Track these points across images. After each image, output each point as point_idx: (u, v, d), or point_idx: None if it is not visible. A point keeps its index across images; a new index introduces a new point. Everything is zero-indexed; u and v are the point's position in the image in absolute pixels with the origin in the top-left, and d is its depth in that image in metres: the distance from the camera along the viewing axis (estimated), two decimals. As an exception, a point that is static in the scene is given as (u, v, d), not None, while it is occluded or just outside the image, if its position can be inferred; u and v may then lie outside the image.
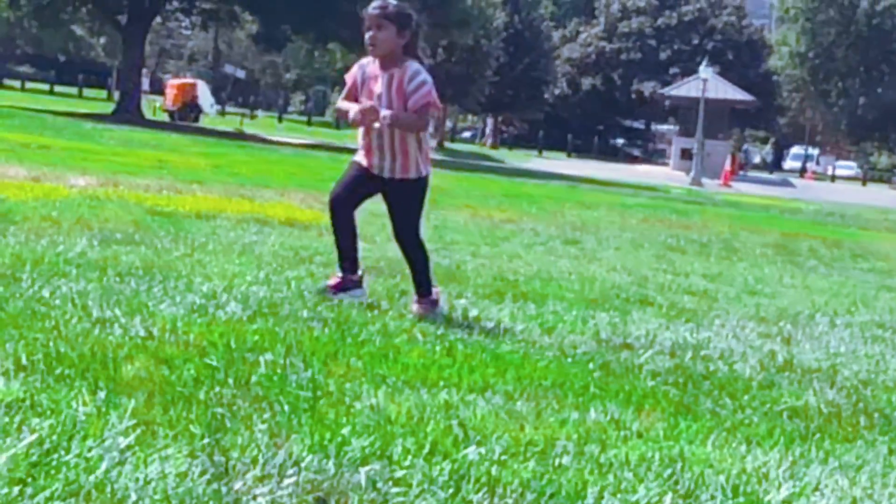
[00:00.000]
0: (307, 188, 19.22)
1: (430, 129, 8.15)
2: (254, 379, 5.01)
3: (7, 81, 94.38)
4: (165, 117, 63.74)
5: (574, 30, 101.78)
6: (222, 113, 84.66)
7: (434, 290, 7.76)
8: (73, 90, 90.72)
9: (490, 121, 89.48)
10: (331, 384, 5.11)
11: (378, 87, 7.56)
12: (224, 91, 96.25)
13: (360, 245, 7.91)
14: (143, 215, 11.86)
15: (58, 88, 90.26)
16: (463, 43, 66.52)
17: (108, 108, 60.49)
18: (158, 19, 63.08)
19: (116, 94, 66.21)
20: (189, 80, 73.86)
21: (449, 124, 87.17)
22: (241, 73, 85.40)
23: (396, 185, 7.66)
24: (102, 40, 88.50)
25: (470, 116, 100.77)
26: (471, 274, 9.97)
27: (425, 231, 8.02)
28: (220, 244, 10.08)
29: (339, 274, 7.79)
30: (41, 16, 58.63)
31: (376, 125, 7.46)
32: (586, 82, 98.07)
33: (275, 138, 51.00)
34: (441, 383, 5.40)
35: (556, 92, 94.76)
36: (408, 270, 7.88)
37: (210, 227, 11.54)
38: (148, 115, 58.97)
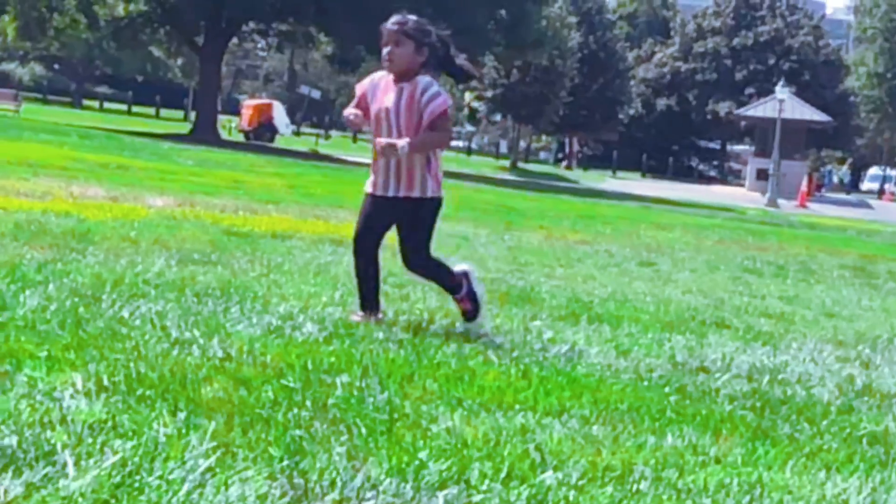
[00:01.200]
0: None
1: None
2: (331, 401, 5.03)
3: (86, 102, 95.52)
4: (241, 137, 64.23)
5: (649, 50, 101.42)
6: (297, 133, 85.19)
7: (463, 282, 7.74)
8: (151, 110, 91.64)
9: (570, 140, 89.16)
10: (407, 406, 5.12)
11: (389, 100, 7.44)
12: (299, 111, 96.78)
13: (382, 288, 7.79)
14: (220, 235, 11.96)
15: (135, 109, 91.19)
16: (537, 63, 66.50)
17: (185, 128, 61.04)
18: (235, 40, 63.64)
19: (193, 115, 66.84)
20: (264, 101, 74.49)
21: (523, 144, 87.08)
22: (315, 94, 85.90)
23: (405, 204, 7.53)
24: (179, 61, 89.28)
25: (544, 137, 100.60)
26: (545, 296, 9.96)
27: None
28: (296, 264, 10.14)
29: (360, 313, 7.60)
30: (120, 37, 59.38)
31: (394, 158, 7.37)
32: (661, 102, 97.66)
33: (349, 158, 51.23)
34: (517, 406, 5.39)
35: (631, 112, 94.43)
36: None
37: (286, 247, 11.61)
38: (223, 135, 59.44)
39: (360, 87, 7.70)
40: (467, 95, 78.44)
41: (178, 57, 79.81)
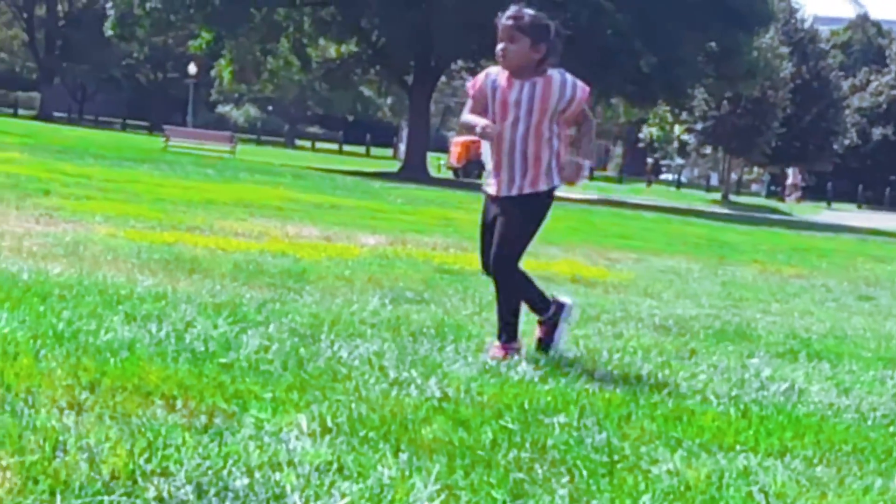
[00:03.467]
0: (591, 244, 19.23)
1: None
2: (550, 442, 5.02)
3: (298, 142, 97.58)
4: (450, 174, 64.76)
5: (864, 78, 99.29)
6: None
7: (516, 341, 7.29)
8: (361, 149, 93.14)
9: (792, 170, 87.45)
10: (626, 447, 5.08)
11: (513, 95, 7.06)
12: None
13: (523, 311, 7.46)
14: (432, 273, 12.05)
15: (346, 148, 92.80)
16: (749, 94, 65.66)
17: (395, 166, 61.86)
18: (443, 78, 64.30)
19: (402, 153, 67.69)
20: (473, 138, 74.87)
21: (734, 177, 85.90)
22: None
23: (520, 199, 7.14)
24: (389, 100, 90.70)
25: (756, 168, 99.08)
26: (762, 332, 9.78)
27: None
28: (508, 302, 10.14)
29: (539, 321, 7.42)
30: (331, 78, 60.58)
31: (582, 179, 7.16)
32: (877, 132, 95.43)
33: (557, 193, 51.16)
34: (737, 447, 5.30)
35: (846, 142, 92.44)
36: (524, 308, 7.40)
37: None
38: (433, 172, 60.01)
39: (477, 89, 7.28)
40: (677, 128, 77.85)
41: (387, 96, 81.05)
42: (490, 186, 7.33)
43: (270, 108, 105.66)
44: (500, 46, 7.07)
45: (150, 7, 52.26)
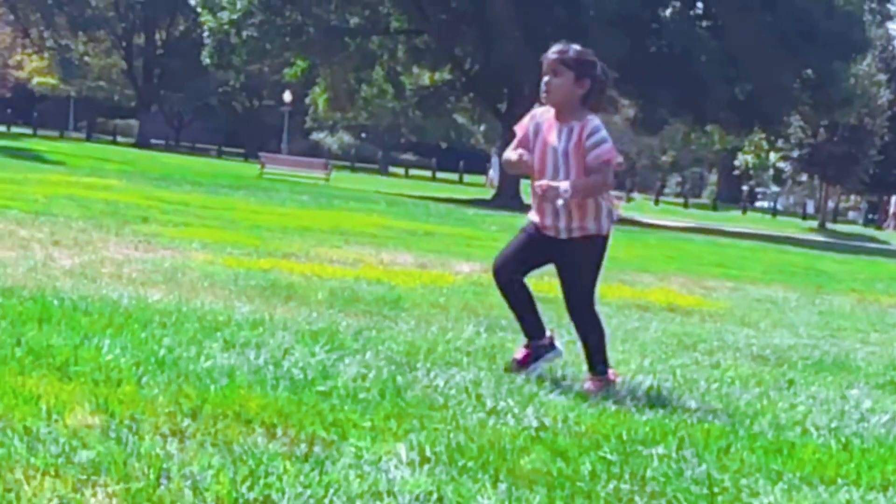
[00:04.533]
0: (687, 272, 19.11)
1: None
2: (649, 473, 4.99)
3: (392, 169, 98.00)
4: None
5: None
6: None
7: (610, 371, 7.19)
8: (454, 176, 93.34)
9: (895, 199, 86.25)
10: (726, 480, 5.03)
11: (553, 139, 7.03)
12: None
13: (540, 307, 7.45)
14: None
15: (439, 175, 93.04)
16: (845, 122, 64.98)
17: (488, 193, 61.91)
18: (536, 106, 64.28)
19: (492, 180, 67.70)
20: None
21: (830, 205, 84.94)
22: (618, 158, 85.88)
23: (575, 245, 7.07)
24: (482, 127, 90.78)
25: (853, 196, 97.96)
26: (861, 363, 9.65)
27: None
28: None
29: (525, 344, 7.33)
30: (425, 105, 60.79)
31: (559, 202, 6.88)
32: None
33: (652, 221, 50.98)
34: (839, 481, 5.24)
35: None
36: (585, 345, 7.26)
37: (593, 313, 11.59)
38: (525, 200, 59.97)
39: (521, 127, 7.26)
40: (772, 155, 77.22)
41: (480, 123, 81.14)
42: (537, 217, 7.24)
43: (364, 135, 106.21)
44: (543, 81, 7.07)
45: (246, 36, 52.81)
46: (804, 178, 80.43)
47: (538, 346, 7.32)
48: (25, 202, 19.06)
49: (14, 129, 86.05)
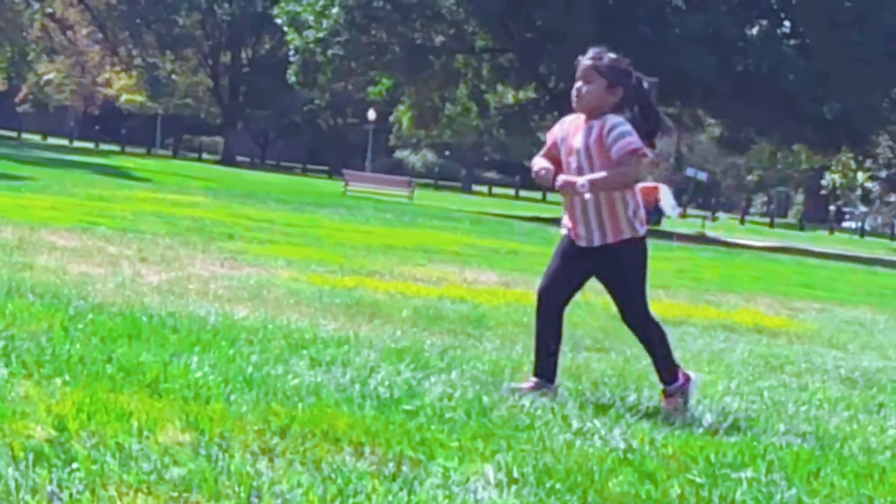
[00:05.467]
0: (773, 293, 18.94)
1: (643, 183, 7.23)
2: (738, 497, 4.94)
3: (475, 187, 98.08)
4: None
5: None
6: (684, 215, 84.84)
7: (680, 373, 7.03)
8: (538, 195, 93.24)
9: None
10: (816, 504, 4.98)
11: (577, 140, 6.92)
12: (685, 193, 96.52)
13: (562, 350, 7.24)
14: (610, 321, 11.94)
15: (522, 193, 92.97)
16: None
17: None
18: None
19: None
20: (651, 184, 74.39)
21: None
22: (702, 176, 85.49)
23: (611, 252, 6.90)
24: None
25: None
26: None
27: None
28: (689, 351, 10.04)
29: (533, 380, 7.04)
30: (509, 124, 60.73)
31: (587, 196, 6.76)
32: None
33: (737, 241, 50.59)
34: (932, 507, 5.17)
35: None
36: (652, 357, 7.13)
37: (677, 333, 11.52)
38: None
39: (551, 135, 7.20)
40: (860, 175, 76.43)
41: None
42: (568, 231, 7.13)
43: (448, 153, 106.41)
44: (576, 86, 6.96)
45: (331, 54, 53.11)
46: (893, 198, 79.50)
47: (544, 387, 6.96)
48: (113, 219, 19.30)
49: (102, 147, 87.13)
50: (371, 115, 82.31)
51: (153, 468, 4.40)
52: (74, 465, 4.31)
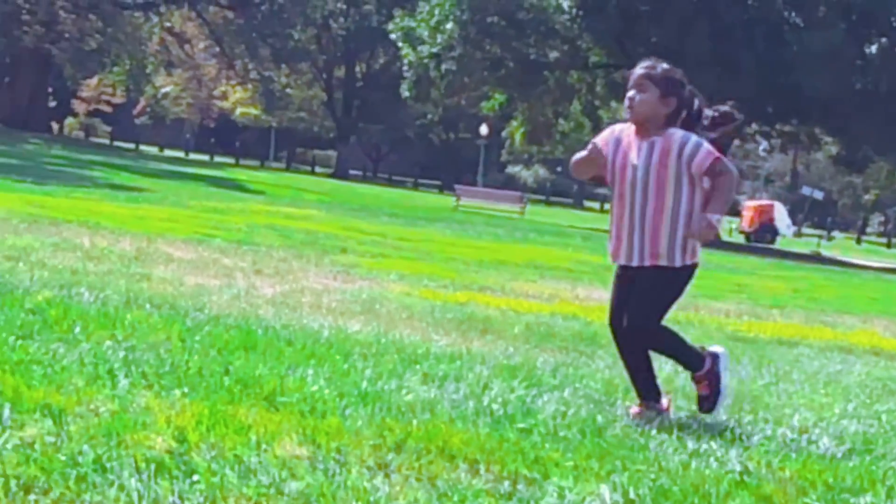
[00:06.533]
0: (891, 315, 18.62)
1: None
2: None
3: (587, 203, 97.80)
4: (741, 239, 63.88)
5: None
6: (798, 234, 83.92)
7: (706, 353, 6.93)
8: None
9: None
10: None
11: (633, 156, 6.76)
12: (800, 212, 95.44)
13: (655, 367, 7.05)
14: (726, 341, 11.86)
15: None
16: None
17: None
18: (737, 142, 63.58)
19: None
20: (765, 202, 73.81)
21: None
22: (818, 194, 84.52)
23: (646, 273, 6.77)
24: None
25: None
26: None
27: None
28: (804, 373, 9.92)
29: (639, 404, 6.91)
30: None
31: (717, 224, 6.59)
32: None
33: (854, 261, 49.89)
34: None
35: None
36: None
37: (792, 354, 11.40)
38: (724, 236, 59.31)
39: (600, 139, 6.97)
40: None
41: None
42: (612, 252, 7.04)
43: (560, 168, 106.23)
44: (628, 95, 6.86)
45: (445, 69, 53.32)
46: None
47: (653, 407, 6.87)
48: (228, 231, 19.52)
49: (217, 159, 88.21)
50: (483, 130, 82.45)
51: (272, 482, 4.43)
52: (195, 478, 4.36)
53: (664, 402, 6.96)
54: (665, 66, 6.90)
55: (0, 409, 4.95)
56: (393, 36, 58.28)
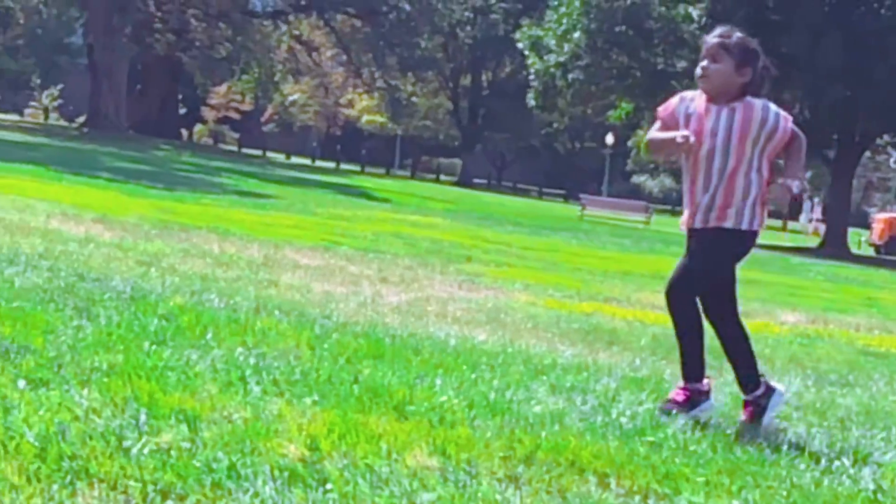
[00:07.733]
0: None
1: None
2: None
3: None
4: (871, 251, 62.83)
5: None
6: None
7: (703, 382, 6.73)
8: (776, 222, 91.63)
9: None
10: None
11: (711, 123, 6.56)
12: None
13: (706, 345, 6.80)
14: (856, 355, 11.70)
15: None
16: None
17: (812, 241, 60.55)
18: (867, 153, 62.66)
19: (820, 228, 66.15)
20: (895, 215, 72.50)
21: None
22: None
23: (708, 233, 6.59)
24: (808, 174, 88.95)
25: None
26: None
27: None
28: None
29: (682, 385, 6.74)
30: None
31: (795, 190, 6.47)
32: None
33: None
34: None
35: None
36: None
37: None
38: (854, 249, 58.41)
39: (667, 110, 6.81)
40: None
41: (807, 170, 79.50)
42: (683, 220, 6.89)
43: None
44: (701, 64, 6.69)
45: (572, 78, 53.25)
46: None
47: (696, 390, 6.71)
48: (354, 239, 19.67)
49: (343, 166, 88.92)
50: (609, 139, 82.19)
51: (403, 492, 4.45)
52: (328, 486, 4.39)
53: (705, 382, 6.80)
54: (740, 34, 6.74)
55: (137, 415, 5.03)
56: (520, 45, 58.38)
